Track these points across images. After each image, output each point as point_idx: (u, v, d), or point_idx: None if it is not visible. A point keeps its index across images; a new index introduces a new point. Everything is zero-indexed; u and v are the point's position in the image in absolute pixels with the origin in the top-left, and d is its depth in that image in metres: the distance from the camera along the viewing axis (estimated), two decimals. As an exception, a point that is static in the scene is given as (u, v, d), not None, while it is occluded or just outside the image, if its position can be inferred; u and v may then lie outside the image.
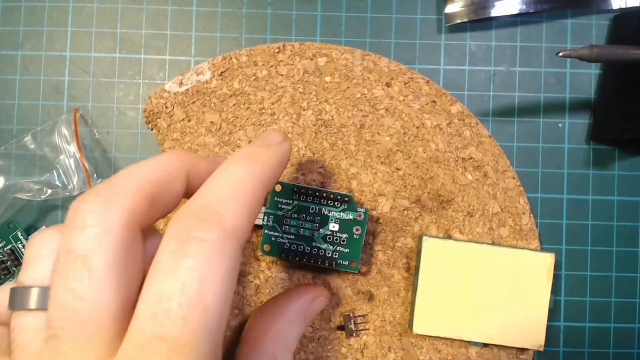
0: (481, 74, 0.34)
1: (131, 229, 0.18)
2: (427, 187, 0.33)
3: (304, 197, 0.30)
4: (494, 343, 0.31)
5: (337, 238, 0.30)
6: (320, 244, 0.30)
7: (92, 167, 0.33)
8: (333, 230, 0.31)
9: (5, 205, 0.32)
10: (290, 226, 0.31)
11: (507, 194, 0.33)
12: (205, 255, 0.17)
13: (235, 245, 0.18)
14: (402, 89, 0.33)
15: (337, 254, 0.30)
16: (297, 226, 0.31)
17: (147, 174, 0.20)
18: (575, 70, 0.34)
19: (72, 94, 0.34)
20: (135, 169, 0.20)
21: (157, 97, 0.33)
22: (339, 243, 0.30)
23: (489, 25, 0.34)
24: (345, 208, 0.30)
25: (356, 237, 0.30)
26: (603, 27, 0.34)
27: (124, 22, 0.34)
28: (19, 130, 0.34)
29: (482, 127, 0.33)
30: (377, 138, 0.33)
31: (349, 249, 0.30)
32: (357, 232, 0.30)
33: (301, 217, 0.31)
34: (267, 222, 0.31)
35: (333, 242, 0.30)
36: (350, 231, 0.30)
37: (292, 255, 0.30)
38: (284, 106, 0.33)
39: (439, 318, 0.31)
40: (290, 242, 0.31)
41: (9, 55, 0.34)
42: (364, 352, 0.32)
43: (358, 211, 0.30)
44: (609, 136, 0.33)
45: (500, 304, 0.31)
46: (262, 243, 0.31)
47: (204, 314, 0.16)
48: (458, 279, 0.31)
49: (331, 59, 0.33)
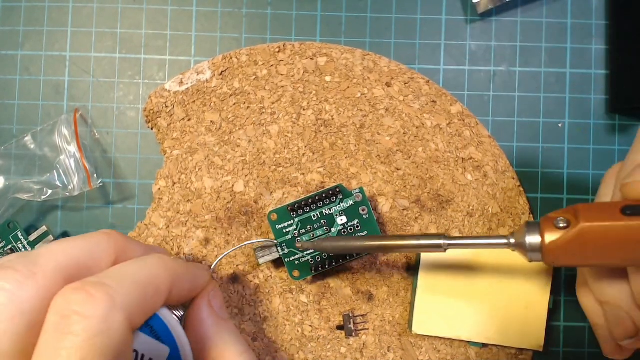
0: (481, 74, 0.34)
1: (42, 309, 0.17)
2: (427, 187, 0.33)
3: (300, 211, 0.31)
4: (493, 343, 0.31)
5: (351, 227, 0.31)
6: None
7: (92, 167, 0.33)
8: (343, 223, 0.31)
9: (5, 205, 0.32)
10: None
11: (507, 194, 0.33)
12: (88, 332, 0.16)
13: (124, 321, 0.17)
14: (402, 89, 0.33)
15: None
16: (310, 239, 0.31)
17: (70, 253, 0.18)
18: (574, 71, 0.34)
19: (72, 94, 0.34)
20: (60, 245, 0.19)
21: (158, 96, 0.33)
22: (355, 231, 0.31)
23: (489, 25, 0.34)
24: (342, 198, 0.31)
25: (366, 217, 0.31)
26: (603, 27, 0.34)
27: (124, 22, 0.34)
28: (19, 130, 0.34)
29: (482, 127, 0.33)
30: (377, 138, 0.33)
31: (366, 230, 0.31)
32: (364, 212, 0.31)
33: (309, 229, 0.31)
34: (283, 251, 0.31)
35: (349, 233, 0.31)
36: (358, 215, 0.31)
37: (322, 267, 0.30)
38: (284, 106, 0.33)
39: (439, 318, 0.31)
40: (313, 256, 0.31)
41: (9, 55, 0.34)
42: (364, 352, 0.32)
43: (354, 194, 0.31)
44: (626, 105, 0.33)
45: (500, 304, 0.31)
46: (290, 271, 0.31)
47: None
48: (457, 279, 0.31)
49: (331, 59, 0.33)
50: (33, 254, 0.18)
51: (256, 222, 0.32)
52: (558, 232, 0.22)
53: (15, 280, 0.17)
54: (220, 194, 0.32)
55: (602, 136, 0.34)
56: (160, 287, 0.20)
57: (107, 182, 0.34)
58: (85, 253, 0.19)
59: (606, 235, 0.22)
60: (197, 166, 0.33)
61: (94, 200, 0.34)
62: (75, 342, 0.16)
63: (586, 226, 0.22)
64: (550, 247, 0.23)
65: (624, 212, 0.21)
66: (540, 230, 0.23)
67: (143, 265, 0.20)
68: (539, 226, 0.23)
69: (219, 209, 0.32)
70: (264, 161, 0.33)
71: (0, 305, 0.16)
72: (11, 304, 0.16)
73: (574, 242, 0.22)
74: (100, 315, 0.16)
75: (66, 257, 0.18)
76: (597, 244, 0.22)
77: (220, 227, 0.32)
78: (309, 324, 0.32)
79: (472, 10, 0.34)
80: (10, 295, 0.16)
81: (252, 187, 0.33)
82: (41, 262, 0.18)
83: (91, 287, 0.17)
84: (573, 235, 0.22)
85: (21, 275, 0.17)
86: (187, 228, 0.32)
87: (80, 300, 0.16)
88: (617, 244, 0.22)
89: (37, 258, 0.18)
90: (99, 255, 0.20)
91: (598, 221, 0.22)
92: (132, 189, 0.34)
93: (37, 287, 0.17)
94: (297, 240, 0.30)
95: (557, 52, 0.34)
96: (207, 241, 0.32)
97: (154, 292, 0.19)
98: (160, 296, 0.20)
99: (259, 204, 0.32)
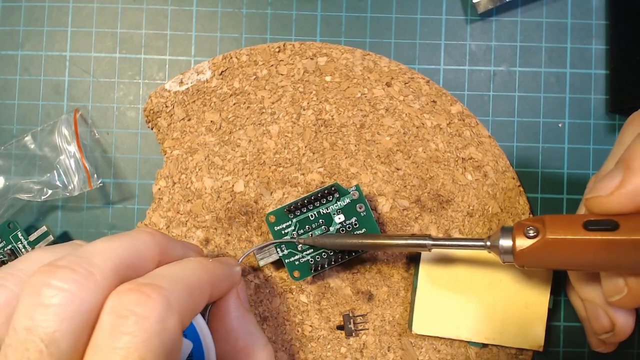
0: (481, 74, 0.34)
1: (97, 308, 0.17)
2: (427, 187, 0.33)
3: (298, 212, 0.31)
4: (493, 343, 0.31)
5: (349, 225, 0.31)
6: None
7: (92, 167, 0.33)
8: (341, 221, 0.31)
9: (5, 205, 0.32)
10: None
11: (507, 194, 0.33)
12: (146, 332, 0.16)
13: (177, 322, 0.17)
14: (402, 88, 0.33)
15: None
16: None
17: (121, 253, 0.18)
18: (574, 71, 0.34)
19: (72, 94, 0.34)
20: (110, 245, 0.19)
21: (158, 96, 0.33)
22: (353, 228, 0.31)
23: (489, 25, 0.34)
24: (338, 196, 0.31)
25: (363, 214, 0.31)
26: (603, 27, 0.34)
27: (124, 22, 0.34)
28: (19, 130, 0.34)
29: (482, 127, 0.33)
30: (377, 138, 0.33)
31: (364, 227, 0.31)
32: (362, 210, 0.31)
33: (307, 229, 0.31)
34: (283, 252, 0.31)
35: (347, 231, 0.31)
36: (356, 212, 0.31)
37: (322, 266, 0.30)
38: (284, 106, 0.33)
39: (439, 318, 0.31)
40: (313, 256, 0.31)
41: (9, 55, 0.34)
42: (364, 351, 0.32)
43: (350, 192, 0.31)
44: (626, 105, 0.33)
45: (500, 304, 0.31)
46: (290, 272, 0.31)
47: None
48: (457, 279, 0.31)
49: (331, 59, 0.33)
50: (86, 253, 0.18)
51: (256, 222, 0.32)
52: (527, 240, 0.25)
53: (74, 280, 0.17)
54: (220, 194, 0.32)
55: (602, 136, 0.34)
56: (204, 290, 0.20)
57: (107, 182, 0.34)
58: (134, 253, 0.19)
59: (569, 247, 0.24)
60: (197, 166, 0.33)
61: (94, 200, 0.34)
62: (133, 341, 0.16)
63: (550, 238, 0.24)
64: (520, 253, 0.25)
65: (586, 227, 0.23)
66: (512, 235, 0.25)
67: (189, 268, 0.20)
68: (512, 232, 0.25)
69: (219, 209, 0.32)
70: (264, 161, 0.33)
71: (60, 305, 0.16)
72: (71, 304, 0.16)
73: (540, 250, 0.24)
74: (157, 316, 0.16)
75: (119, 257, 0.18)
76: (560, 253, 0.24)
77: (221, 227, 0.32)
78: (309, 324, 0.32)
79: (472, 10, 0.34)
80: (71, 296, 0.16)
81: (252, 187, 0.33)
82: (97, 262, 0.18)
83: (146, 289, 0.17)
84: (540, 244, 0.24)
85: (79, 276, 0.17)
86: (187, 228, 0.32)
87: (138, 301, 0.17)
88: (578, 255, 0.24)
89: (91, 258, 0.18)
90: (146, 256, 0.20)
91: (561, 234, 0.24)
92: (132, 189, 0.34)
93: (95, 287, 0.17)
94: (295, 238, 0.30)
95: (557, 52, 0.34)
96: (207, 241, 0.32)
97: (199, 294, 0.20)
98: (204, 298, 0.20)
99: (259, 204, 0.32)
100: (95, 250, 0.18)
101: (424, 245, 0.28)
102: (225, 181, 0.33)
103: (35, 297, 0.16)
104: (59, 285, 0.16)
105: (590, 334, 0.30)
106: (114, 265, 0.18)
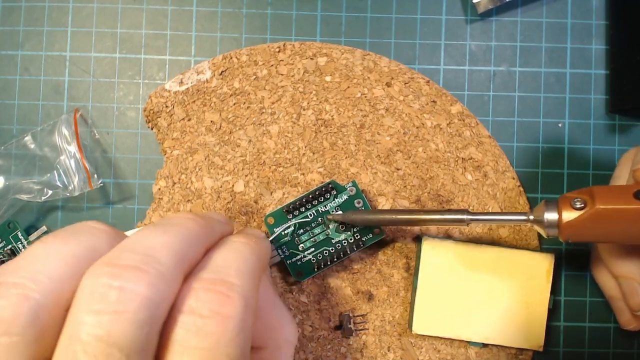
0: (481, 74, 0.34)
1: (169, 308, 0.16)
2: (427, 187, 0.33)
3: (296, 212, 0.31)
4: (493, 343, 0.31)
5: None
6: (338, 237, 0.31)
7: (92, 167, 0.33)
8: None
9: (5, 205, 0.32)
10: (304, 242, 0.31)
11: (507, 194, 0.33)
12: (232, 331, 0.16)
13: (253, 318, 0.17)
14: (402, 88, 0.33)
15: (357, 234, 0.31)
16: (310, 237, 0.31)
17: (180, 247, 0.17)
18: (574, 71, 0.34)
19: (72, 94, 0.34)
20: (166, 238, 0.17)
21: (158, 96, 0.33)
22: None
23: (489, 25, 0.34)
24: (335, 194, 0.31)
25: (362, 209, 0.31)
26: (603, 27, 0.34)
27: (124, 22, 0.34)
28: (19, 130, 0.34)
29: (482, 127, 0.33)
30: (377, 138, 0.33)
31: None
32: (360, 205, 0.31)
33: (307, 229, 0.31)
34: (285, 253, 0.31)
35: (347, 227, 0.31)
36: (354, 207, 0.31)
37: (324, 264, 0.31)
38: (284, 106, 0.33)
39: (439, 318, 0.31)
40: (314, 255, 0.31)
41: (9, 55, 0.34)
42: (364, 351, 0.32)
43: (347, 188, 0.31)
44: (626, 105, 0.33)
45: (500, 304, 0.31)
46: (293, 272, 0.31)
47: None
48: (457, 279, 0.31)
49: (331, 59, 0.33)
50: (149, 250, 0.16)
51: (256, 222, 0.32)
52: (575, 211, 0.24)
53: (146, 282, 0.15)
54: (220, 194, 0.32)
55: (602, 136, 0.34)
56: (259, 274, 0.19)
57: (107, 182, 0.34)
58: (188, 245, 0.18)
59: (619, 217, 0.24)
60: (197, 166, 0.33)
61: (94, 201, 0.34)
62: (220, 341, 0.16)
63: (601, 208, 0.24)
64: (567, 225, 0.25)
65: (637, 196, 0.23)
66: (558, 208, 0.25)
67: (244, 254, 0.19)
68: (557, 204, 0.25)
69: (219, 209, 0.32)
70: (264, 161, 0.33)
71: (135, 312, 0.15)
72: (146, 310, 0.15)
73: (589, 221, 0.24)
74: (238, 315, 0.16)
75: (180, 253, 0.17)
76: (610, 225, 0.24)
77: (220, 227, 0.32)
78: (309, 324, 0.32)
79: (472, 10, 0.34)
80: (146, 301, 0.15)
81: (252, 187, 0.33)
82: (164, 260, 0.16)
83: (222, 287, 0.17)
84: (588, 215, 0.24)
85: (151, 277, 0.16)
86: (187, 228, 0.32)
87: (217, 300, 0.16)
88: (628, 225, 0.24)
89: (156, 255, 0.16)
90: (198, 246, 0.19)
91: (612, 204, 0.24)
92: (132, 189, 0.34)
93: (167, 288, 0.16)
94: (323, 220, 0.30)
95: (557, 52, 0.34)
96: (207, 241, 0.32)
97: (258, 280, 0.19)
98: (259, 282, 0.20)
99: (259, 204, 0.32)
100: (155, 245, 0.17)
101: (461, 220, 0.27)
102: (225, 181, 0.33)
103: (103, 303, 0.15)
104: (132, 288, 0.15)
105: (621, 312, 0.30)
106: (178, 262, 0.17)
